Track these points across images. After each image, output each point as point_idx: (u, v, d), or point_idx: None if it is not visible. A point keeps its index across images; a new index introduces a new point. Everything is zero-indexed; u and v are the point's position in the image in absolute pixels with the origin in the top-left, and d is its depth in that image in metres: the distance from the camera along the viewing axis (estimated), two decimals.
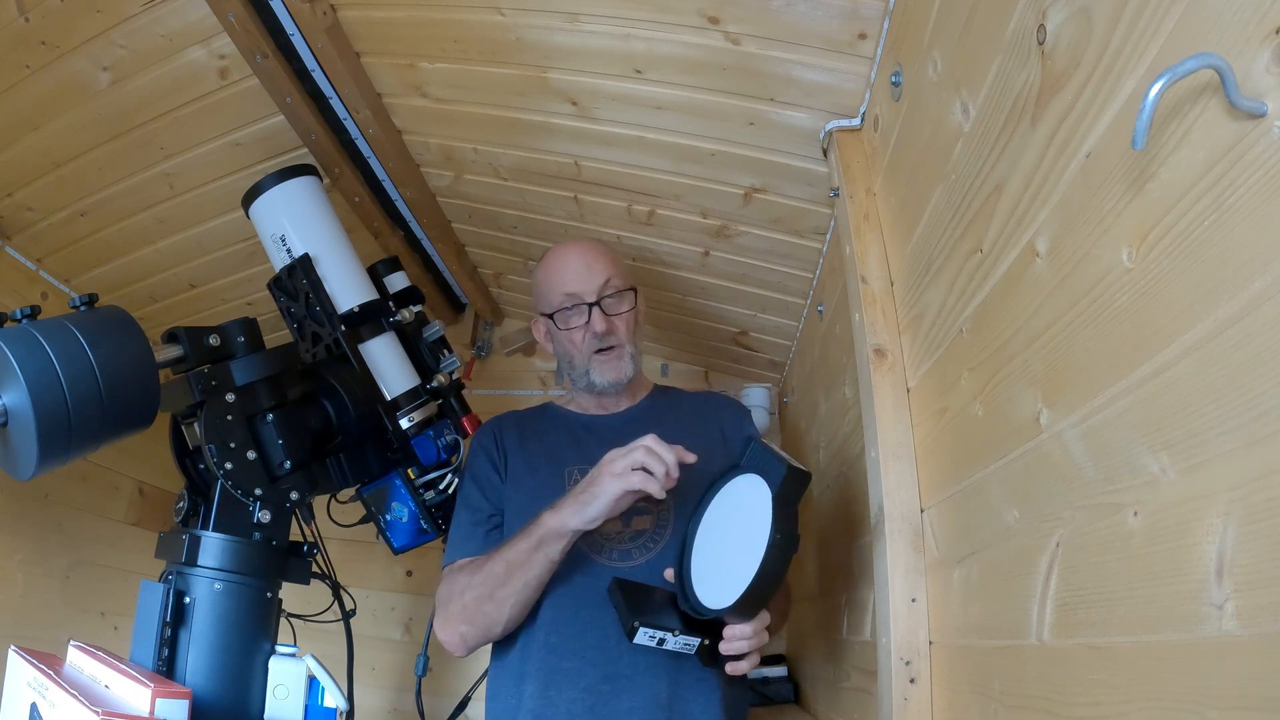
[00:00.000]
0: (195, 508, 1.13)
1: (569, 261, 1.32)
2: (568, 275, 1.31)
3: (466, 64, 1.28)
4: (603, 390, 1.31)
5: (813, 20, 1.01)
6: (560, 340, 1.32)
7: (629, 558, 1.16)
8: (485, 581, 1.12)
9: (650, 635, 0.99)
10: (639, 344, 1.34)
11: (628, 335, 1.31)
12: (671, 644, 1.00)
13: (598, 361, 1.30)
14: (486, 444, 1.34)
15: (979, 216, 0.75)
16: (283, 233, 1.32)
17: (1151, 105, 0.44)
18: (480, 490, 1.28)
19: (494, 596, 1.11)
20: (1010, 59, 0.68)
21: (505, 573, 1.10)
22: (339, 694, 1.07)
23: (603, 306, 1.28)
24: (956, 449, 0.82)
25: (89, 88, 1.28)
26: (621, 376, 1.30)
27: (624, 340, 1.30)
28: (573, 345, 1.31)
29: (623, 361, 1.30)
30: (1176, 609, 0.46)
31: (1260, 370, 0.40)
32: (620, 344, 1.30)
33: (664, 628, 0.99)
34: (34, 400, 0.84)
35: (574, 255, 1.33)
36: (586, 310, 1.28)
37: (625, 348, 1.30)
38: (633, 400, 1.37)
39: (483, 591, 1.12)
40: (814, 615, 1.41)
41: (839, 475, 1.31)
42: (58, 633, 1.59)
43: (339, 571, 1.30)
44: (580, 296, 1.28)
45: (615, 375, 1.30)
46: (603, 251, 1.35)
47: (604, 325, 1.28)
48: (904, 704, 0.84)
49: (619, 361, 1.30)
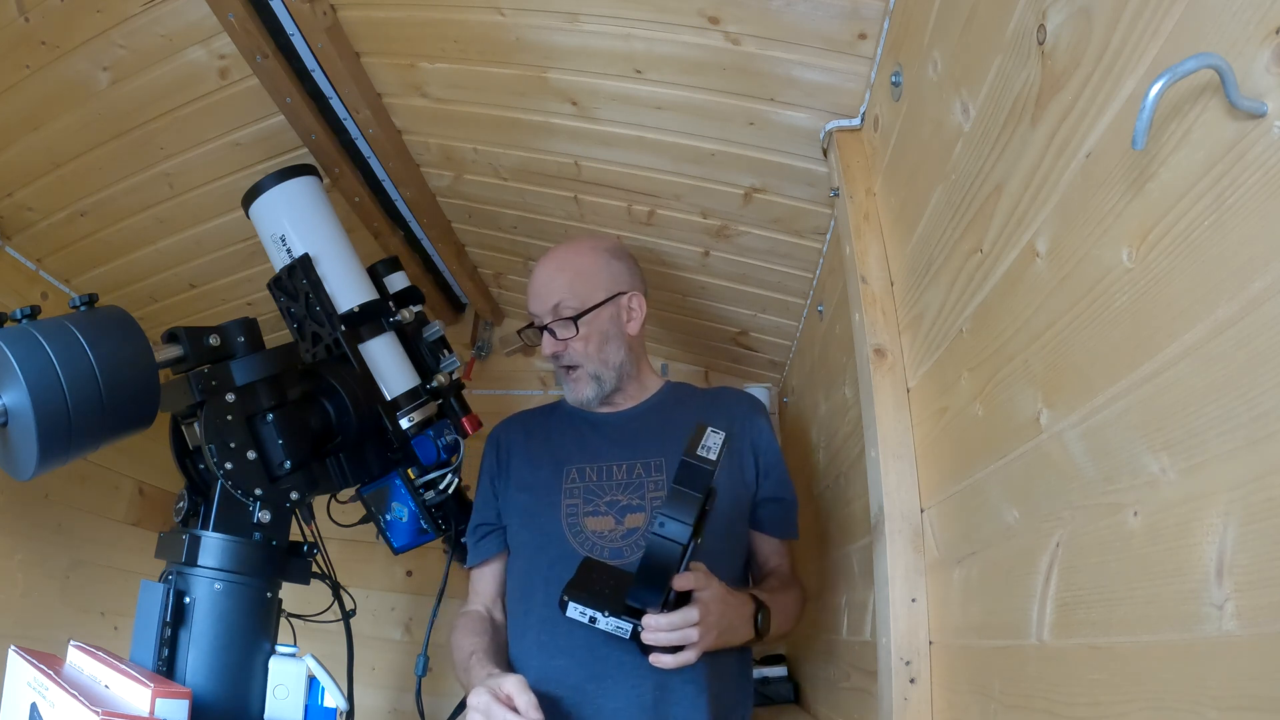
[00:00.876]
0: (195, 508, 1.13)
1: (534, 277, 1.33)
2: (530, 293, 1.33)
3: (466, 64, 1.28)
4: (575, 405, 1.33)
5: (813, 20, 1.01)
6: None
7: (620, 556, 1.16)
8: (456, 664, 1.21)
9: (581, 611, 0.99)
10: (613, 355, 1.30)
11: (587, 353, 1.28)
12: (603, 624, 1.00)
13: (565, 379, 1.32)
14: (488, 455, 1.37)
15: (979, 216, 0.75)
16: (283, 233, 1.31)
17: (1151, 105, 0.44)
18: (480, 499, 1.34)
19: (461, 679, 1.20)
20: (1010, 59, 0.68)
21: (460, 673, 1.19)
22: (339, 694, 1.06)
23: (552, 330, 1.29)
24: (956, 449, 0.82)
25: (89, 88, 1.28)
26: (580, 398, 1.30)
27: (580, 360, 1.28)
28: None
29: (581, 384, 1.29)
30: (1176, 609, 0.46)
31: (1260, 370, 0.40)
32: (577, 364, 1.29)
33: (595, 606, 0.98)
34: (34, 400, 0.84)
35: (539, 271, 1.33)
36: (539, 333, 1.30)
37: (584, 367, 1.29)
38: (640, 398, 1.37)
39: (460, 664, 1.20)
40: (814, 615, 1.41)
41: (839, 475, 1.31)
42: (58, 633, 1.59)
43: (339, 571, 1.30)
44: (536, 316, 1.31)
45: (575, 396, 1.31)
46: (563, 268, 1.31)
47: (551, 349, 1.29)
48: (904, 704, 0.84)
49: (578, 384, 1.30)
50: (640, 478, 1.23)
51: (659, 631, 0.97)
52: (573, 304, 1.28)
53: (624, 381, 1.32)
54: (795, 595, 1.28)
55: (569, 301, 1.28)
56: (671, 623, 0.98)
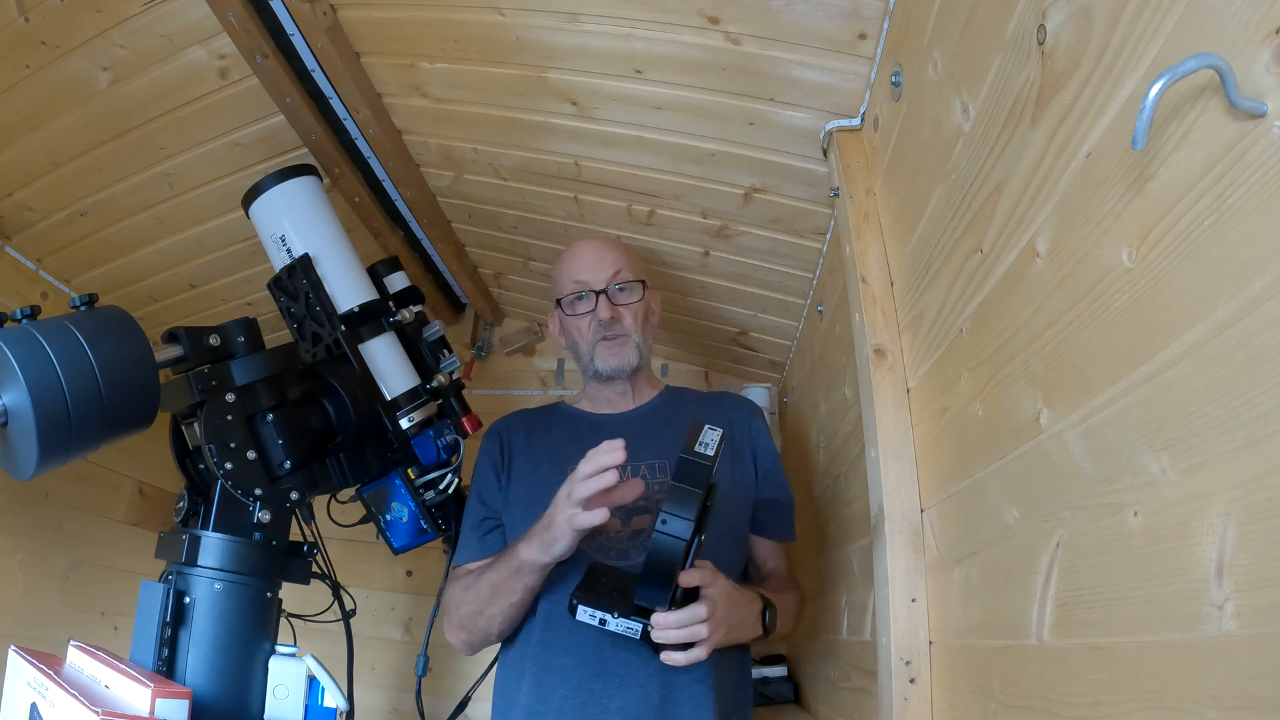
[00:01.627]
0: (195, 508, 1.13)
1: (583, 252, 1.35)
2: (579, 264, 1.34)
3: (466, 64, 1.28)
4: (607, 376, 1.32)
5: (813, 20, 1.01)
6: (568, 328, 1.35)
7: (626, 558, 1.16)
8: (476, 599, 1.16)
9: (591, 614, 1.00)
10: (648, 338, 1.36)
11: (634, 325, 1.32)
12: (613, 625, 1.00)
13: (602, 347, 1.31)
14: (492, 447, 1.35)
15: (979, 216, 0.75)
16: (283, 233, 1.31)
17: (1151, 105, 0.44)
18: (481, 494, 1.31)
19: (484, 614, 1.16)
20: (1010, 59, 0.68)
21: (490, 594, 1.14)
22: (339, 694, 1.06)
23: (610, 295, 1.30)
24: (956, 449, 0.82)
25: (89, 88, 1.28)
26: (624, 364, 1.31)
27: (629, 330, 1.32)
28: (579, 332, 1.33)
29: (626, 349, 1.31)
30: (1176, 609, 0.46)
31: (1260, 370, 0.40)
32: (625, 333, 1.31)
33: (604, 608, 0.99)
34: (34, 400, 0.84)
35: (588, 246, 1.36)
36: (594, 297, 1.30)
37: (631, 336, 1.32)
38: (641, 400, 1.37)
39: (475, 608, 1.16)
40: (814, 615, 1.41)
41: (839, 475, 1.31)
42: (58, 633, 1.58)
43: (339, 571, 1.30)
44: (588, 284, 1.31)
45: (618, 361, 1.30)
46: (616, 244, 1.39)
47: (609, 313, 1.30)
48: (904, 704, 0.84)
49: (622, 349, 1.31)
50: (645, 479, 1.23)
51: (668, 629, 0.97)
52: (628, 275, 1.33)
53: (641, 369, 1.35)
54: (795, 597, 1.28)
55: (628, 271, 1.33)
56: (680, 620, 0.98)
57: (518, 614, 1.16)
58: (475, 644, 1.22)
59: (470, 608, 1.17)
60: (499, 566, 1.12)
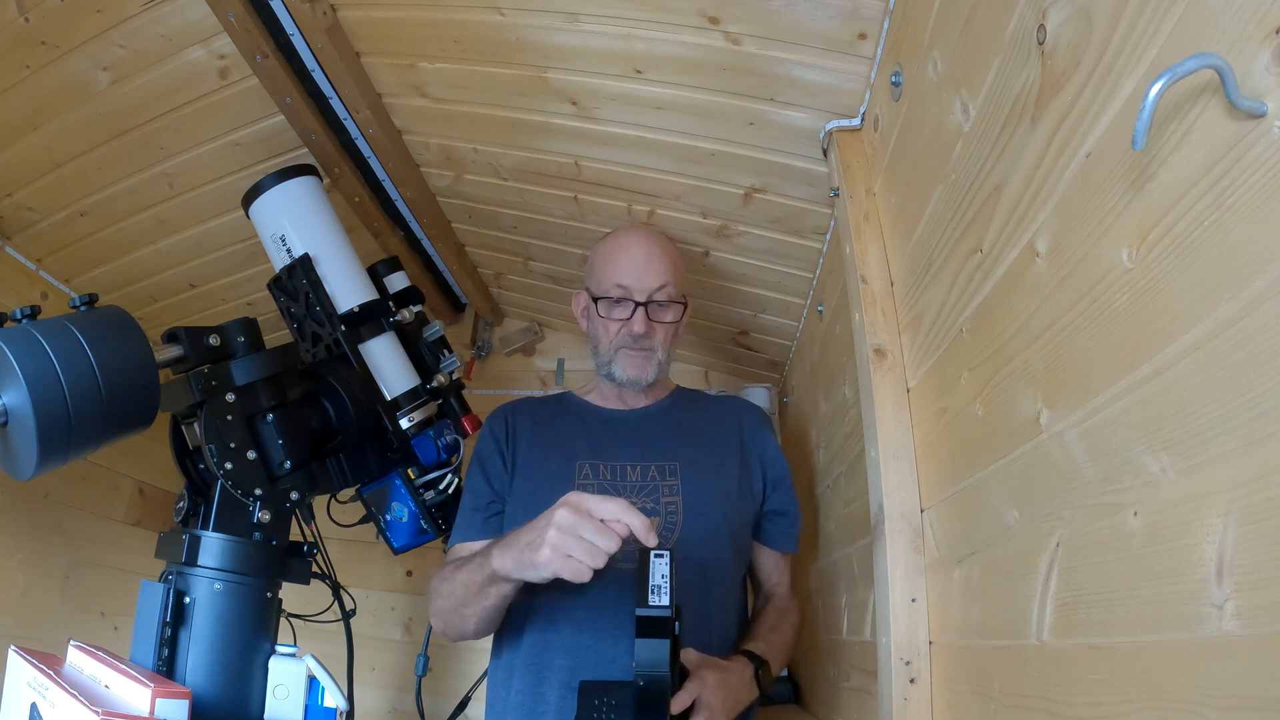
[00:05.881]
0: (195, 508, 1.13)
1: (633, 251, 1.31)
2: (626, 265, 1.29)
3: (466, 64, 1.28)
4: (620, 384, 1.31)
5: (813, 20, 1.01)
6: (595, 323, 1.33)
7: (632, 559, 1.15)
8: (452, 594, 1.10)
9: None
10: (670, 354, 1.34)
11: (663, 341, 1.30)
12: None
13: (624, 355, 1.29)
14: (497, 430, 1.32)
15: (979, 216, 0.75)
16: (283, 233, 1.32)
17: (1151, 105, 0.44)
18: (484, 476, 1.28)
19: (459, 612, 1.11)
20: (1010, 59, 0.68)
21: (463, 595, 1.08)
22: (339, 694, 1.06)
23: (649, 309, 1.28)
24: (956, 449, 0.82)
25: (89, 88, 1.28)
26: (642, 377, 1.29)
27: (657, 345, 1.29)
28: (605, 332, 1.31)
29: (648, 364, 1.29)
30: (1176, 609, 0.46)
31: (1260, 370, 0.40)
32: (651, 349, 1.29)
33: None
34: (34, 400, 0.84)
35: (639, 247, 1.31)
36: (632, 307, 1.28)
37: (656, 352, 1.29)
38: (653, 399, 1.36)
39: (452, 603, 1.11)
40: (814, 615, 1.41)
41: (839, 475, 1.31)
42: (58, 633, 1.58)
43: (339, 571, 1.30)
44: (630, 292, 1.28)
45: (636, 374, 1.29)
46: (668, 251, 1.33)
47: (643, 328, 1.27)
48: (904, 704, 0.84)
49: (645, 362, 1.29)
50: (655, 481, 1.22)
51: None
52: (672, 291, 1.30)
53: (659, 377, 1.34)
54: (792, 624, 1.27)
55: (673, 287, 1.30)
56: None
57: (494, 618, 1.11)
58: (453, 637, 1.17)
59: (445, 602, 1.12)
60: (472, 568, 1.06)
